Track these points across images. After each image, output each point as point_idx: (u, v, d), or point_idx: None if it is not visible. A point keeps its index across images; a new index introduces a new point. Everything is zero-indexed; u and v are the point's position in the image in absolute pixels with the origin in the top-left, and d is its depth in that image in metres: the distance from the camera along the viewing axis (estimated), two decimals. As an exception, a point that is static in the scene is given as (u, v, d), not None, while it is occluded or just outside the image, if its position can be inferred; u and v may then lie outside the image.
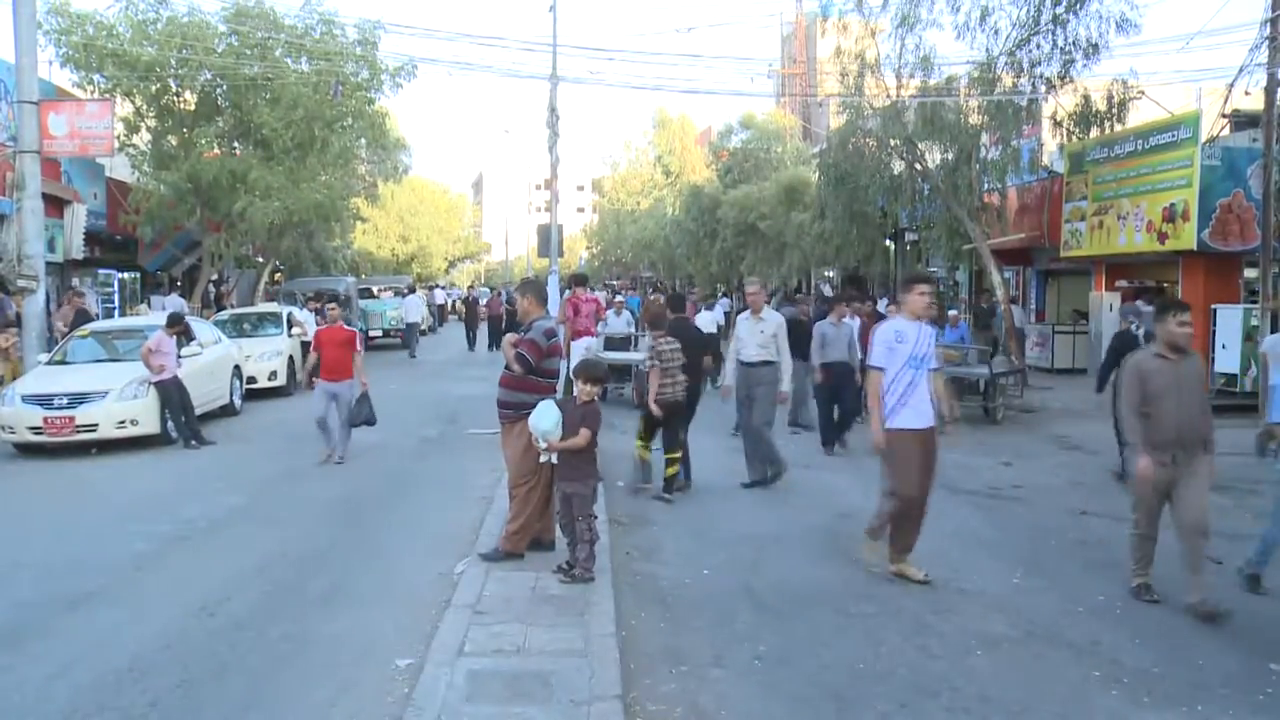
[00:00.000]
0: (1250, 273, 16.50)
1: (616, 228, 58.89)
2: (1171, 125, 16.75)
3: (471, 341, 30.07)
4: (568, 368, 10.22)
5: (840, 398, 12.26)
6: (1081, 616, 6.27)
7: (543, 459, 6.77)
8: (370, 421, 11.39)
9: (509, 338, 7.40)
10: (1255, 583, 6.76)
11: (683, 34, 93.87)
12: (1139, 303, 18.65)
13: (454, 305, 47.64)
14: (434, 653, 5.37)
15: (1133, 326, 11.36)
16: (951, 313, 17.59)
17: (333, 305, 12.51)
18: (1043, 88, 18.13)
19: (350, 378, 11.55)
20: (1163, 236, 16.49)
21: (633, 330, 18.88)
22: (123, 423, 12.46)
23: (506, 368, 7.28)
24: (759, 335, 10.21)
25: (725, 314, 25.62)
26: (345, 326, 12.19)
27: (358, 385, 11.51)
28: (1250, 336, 15.25)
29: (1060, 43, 17.49)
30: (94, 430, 12.27)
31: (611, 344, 17.89)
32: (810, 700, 5.06)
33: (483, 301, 31.14)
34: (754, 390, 10.18)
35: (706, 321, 22.10)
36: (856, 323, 13.17)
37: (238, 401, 15.69)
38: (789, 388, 10.44)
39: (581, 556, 6.61)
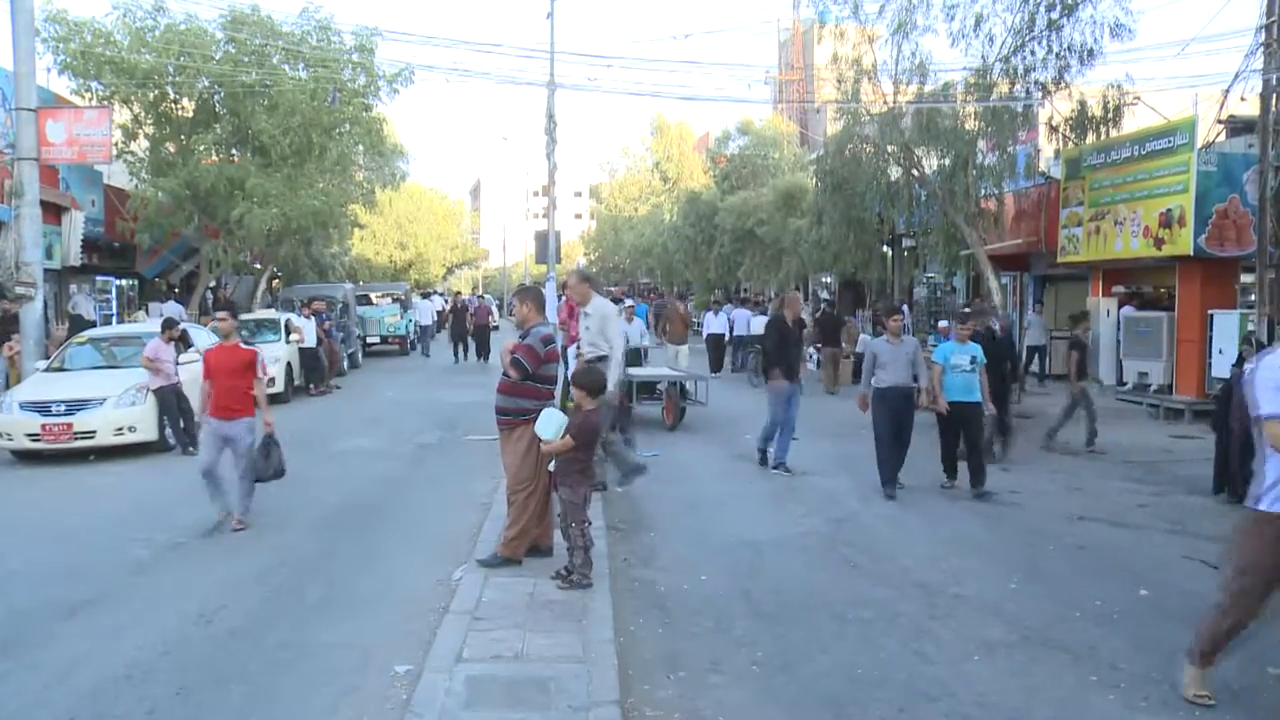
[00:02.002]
0: (1247, 278, 16.54)
1: (614, 234, 58.99)
2: (1168, 131, 16.78)
3: (458, 354, 28.21)
4: (566, 373, 10.27)
5: (901, 429, 10.13)
6: (1079, 621, 6.28)
7: (551, 466, 6.84)
8: (279, 473, 8.96)
9: (506, 344, 7.42)
10: None
11: (680, 41, 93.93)
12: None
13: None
14: (432, 659, 5.37)
15: (992, 325, 12.77)
16: (942, 324, 17.61)
17: (223, 315, 9.25)
18: (1038, 93, 18.18)
19: (250, 415, 8.87)
20: (1159, 242, 16.52)
21: (646, 342, 17.42)
22: (121, 429, 12.45)
23: (504, 374, 7.29)
24: (587, 331, 9.59)
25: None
26: (243, 346, 9.22)
27: (259, 425, 8.91)
28: (1247, 341, 15.26)
29: (1055, 48, 17.56)
30: (92, 437, 12.26)
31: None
32: (808, 706, 5.06)
33: (471, 310, 29.21)
34: None
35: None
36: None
37: (236, 408, 15.67)
38: (615, 386, 9.09)
39: (578, 563, 6.62)
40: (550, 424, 6.67)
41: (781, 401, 11.20)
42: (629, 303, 21.32)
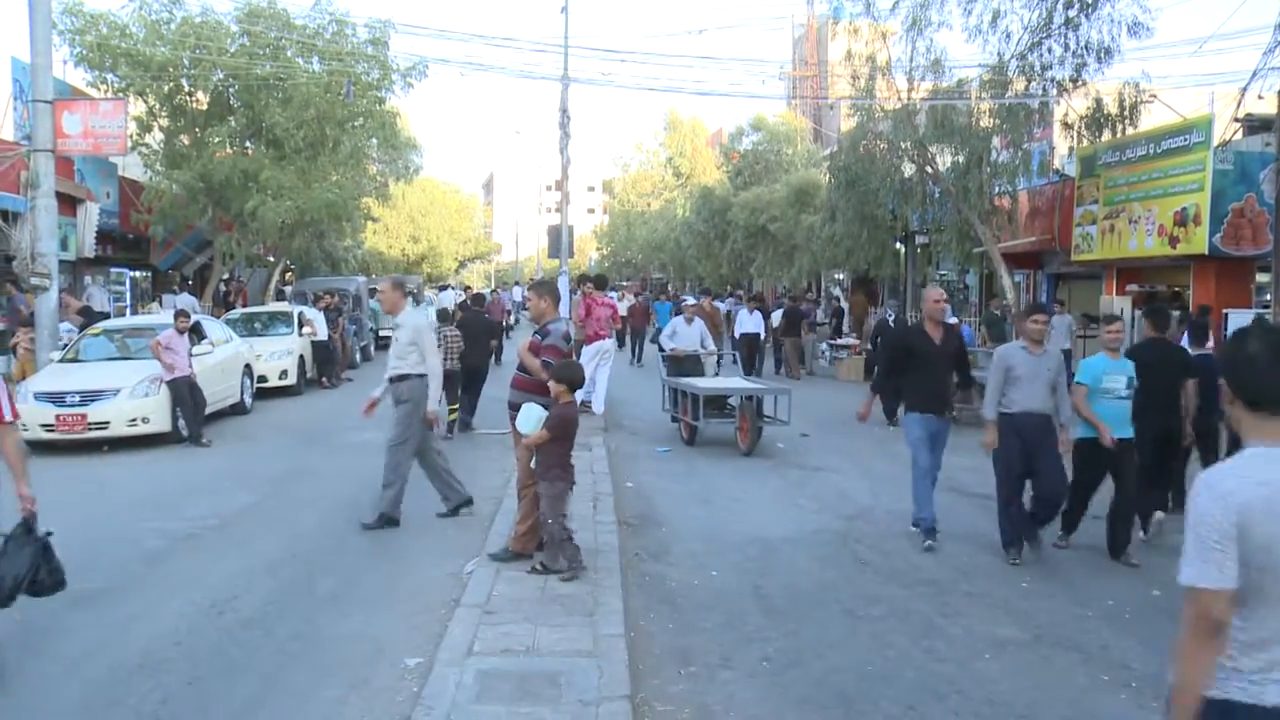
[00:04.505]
0: (1263, 277, 16.43)
1: (627, 229, 59.01)
2: (1184, 129, 16.68)
3: None
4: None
5: (1037, 468, 7.58)
6: (1090, 621, 6.26)
7: (533, 464, 6.90)
8: (45, 585, 5.39)
9: (525, 342, 7.45)
10: None
11: (694, 36, 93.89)
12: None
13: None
14: (443, 652, 5.39)
15: (889, 318, 14.80)
16: (952, 320, 17.56)
17: None
18: (1054, 91, 18.10)
19: None
20: (1174, 241, 16.43)
21: (710, 345, 15.06)
22: (134, 420, 12.52)
23: (519, 368, 7.31)
24: (394, 343, 8.59)
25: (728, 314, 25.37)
26: None
27: (9, 503, 5.44)
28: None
29: (1072, 46, 17.46)
30: (105, 428, 12.33)
31: (681, 365, 14.16)
32: (818, 702, 5.06)
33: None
34: (396, 407, 8.45)
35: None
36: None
37: (248, 400, 15.74)
38: (437, 406, 8.50)
39: (569, 553, 6.70)
40: (530, 419, 6.77)
41: (924, 442, 8.16)
42: (690, 301, 18.41)
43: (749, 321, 21.63)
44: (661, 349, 14.88)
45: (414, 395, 8.35)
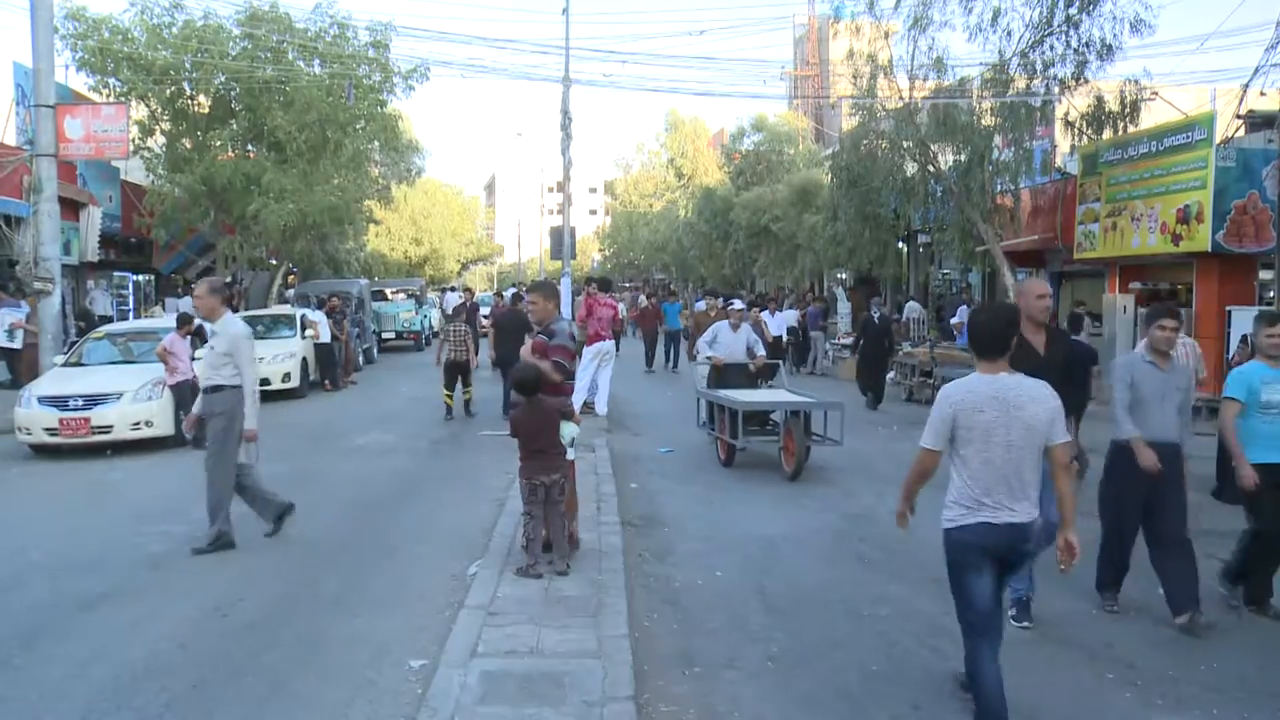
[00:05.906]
0: (1265, 274, 16.42)
1: (629, 230, 59.06)
2: (1186, 126, 16.68)
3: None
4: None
5: (1157, 507, 6.34)
6: (1095, 619, 6.25)
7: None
8: None
9: (531, 342, 7.45)
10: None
11: (695, 37, 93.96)
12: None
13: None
14: (448, 654, 5.38)
15: (874, 316, 16.38)
16: (954, 321, 17.61)
17: None
18: (1056, 89, 18.11)
19: None
20: (1177, 238, 16.42)
21: (760, 352, 12.61)
22: (137, 424, 12.52)
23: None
24: (209, 353, 8.20)
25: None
26: None
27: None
28: (1243, 341, 15.18)
29: (1073, 43, 17.50)
30: (109, 432, 12.34)
31: (727, 377, 12.14)
32: (823, 701, 5.06)
33: (484, 310, 26.37)
34: (210, 420, 8.00)
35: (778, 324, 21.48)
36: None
37: (251, 403, 15.72)
38: (255, 422, 7.93)
39: (537, 551, 6.81)
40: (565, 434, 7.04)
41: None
42: (737, 305, 14.15)
43: (771, 324, 21.06)
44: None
45: (228, 408, 7.86)
